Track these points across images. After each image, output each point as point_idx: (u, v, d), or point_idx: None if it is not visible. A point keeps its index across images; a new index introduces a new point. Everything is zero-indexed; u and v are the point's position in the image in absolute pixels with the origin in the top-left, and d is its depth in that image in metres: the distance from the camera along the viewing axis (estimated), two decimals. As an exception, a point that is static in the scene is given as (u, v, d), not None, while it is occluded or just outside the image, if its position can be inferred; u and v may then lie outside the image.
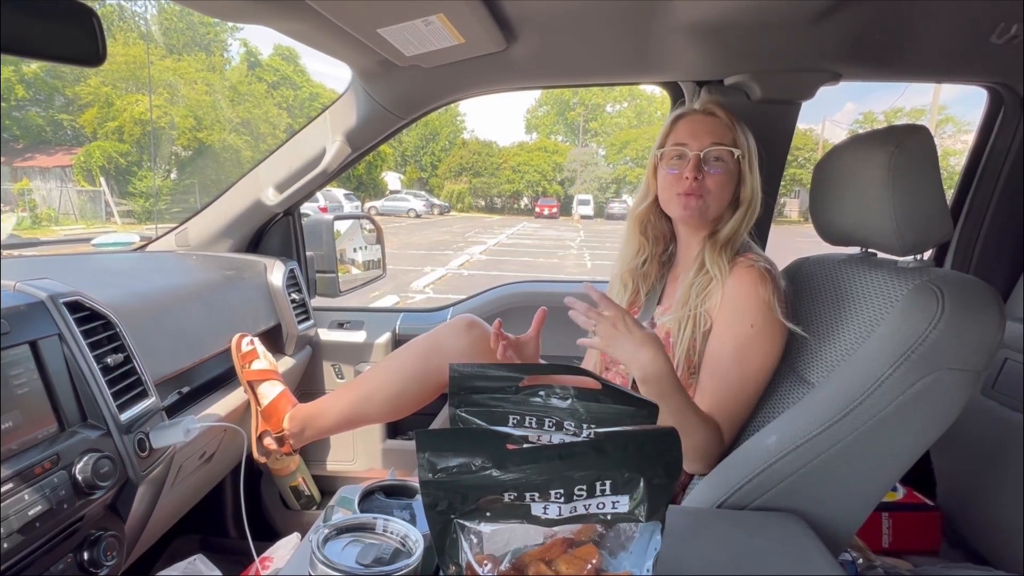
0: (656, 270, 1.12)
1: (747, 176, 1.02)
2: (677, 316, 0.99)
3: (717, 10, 0.96)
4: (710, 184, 0.99)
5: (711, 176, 0.99)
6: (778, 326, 0.93)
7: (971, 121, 20.39)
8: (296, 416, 1.24)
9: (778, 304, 0.93)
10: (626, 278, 1.12)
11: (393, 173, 32.97)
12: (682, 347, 0.97)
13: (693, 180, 0.98)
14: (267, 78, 27.19)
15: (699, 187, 0.99)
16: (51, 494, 0.71)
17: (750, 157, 1.02)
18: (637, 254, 1.11)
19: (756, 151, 1.03)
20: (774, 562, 0.67)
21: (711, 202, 1.00)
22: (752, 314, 0.93)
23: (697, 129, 1.01)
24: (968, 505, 1.27)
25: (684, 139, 1.01)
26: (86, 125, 20.29)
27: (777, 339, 0.94)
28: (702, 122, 1.01)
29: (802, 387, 0.92)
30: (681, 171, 1.00)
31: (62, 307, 0.82)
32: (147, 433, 0.88)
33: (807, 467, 0.79)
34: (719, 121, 1.01)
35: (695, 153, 0.99)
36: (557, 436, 0.57)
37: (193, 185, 20.54)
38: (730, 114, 1.03)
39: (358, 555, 0.50)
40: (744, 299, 0.93)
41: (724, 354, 0.94)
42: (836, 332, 0.92)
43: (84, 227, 16.51)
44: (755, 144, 1.03)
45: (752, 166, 1.02)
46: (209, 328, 1.18)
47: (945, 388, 0.76)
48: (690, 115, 1.04)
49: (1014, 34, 0.99)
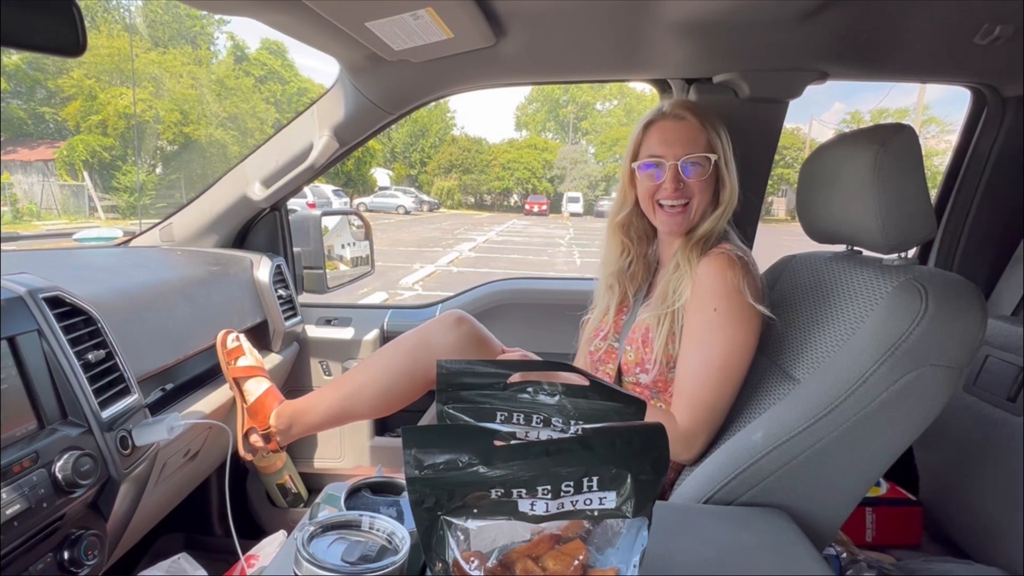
0: (643, 270, 1.12)
1: (725, 177, 1.01)
2: (656, 313, 1.00)
3: (706, 8, 0.96)
4: (693, 188, 0.99)
5: (691, 181, 0.99)
6: (747, 310, 0.92)
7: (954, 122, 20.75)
8: (283, 413, 1.23)
9: (748, 289, 0.92)
10: (611, 280, 1.12)
11: (382, 169, 32.79)
12: (660, 342, 0.98)
13: (675, 191, 0.98)
14: (255, 72, 26.92)
15: (681, 194, 0.99)
16: (30, 493, 0.70)
17: (726, 157, 1.01)
18: (622, 255, 1.11)
19: (730, 146, 1.02)
20: (760, 557, 0.67)
21: (694, 209, 1.01)
22: (716, 298, 0.93)
23: (669, 138, 1.00)
24: (950, 500, 1.29)
25: (658, 151, 1.00)
26: (69, 118, 19.93)
27: (745, 324, 0.92)
28: (673, 129, 1.00)
29: (788, 383, 0.93)
30: (659, 182, 1.00)
31: (41, 302, 0.80)
32: (129, 431, 0.86)
33: (793, 463, 0.80)
34: (690, 126, 1.00)
35: (671, 163, 0.98)
36: (545, 432, 0.57)
37: (179, 180, 20.30)
38: (700, 115, 1.01)
39: (344, 553, 0.49)
40: (709, 284, 0.94)
41: (688, 339, 0.95)
42: (822, 329, 0.93)
43: (67, 222, 16.26)
44: (728, 140, 1.02)
45: (729, 165, 1.02)
46: (194, 324, 1.17)
47: (928, 384, 0.77)
48: (659, 122, 1.02)
49: (997, 35, 1.00)
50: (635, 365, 1.02)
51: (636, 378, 1.03)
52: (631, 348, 1.03)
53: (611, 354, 1.08)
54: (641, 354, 1.01)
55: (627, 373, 1.04)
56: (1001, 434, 1.14)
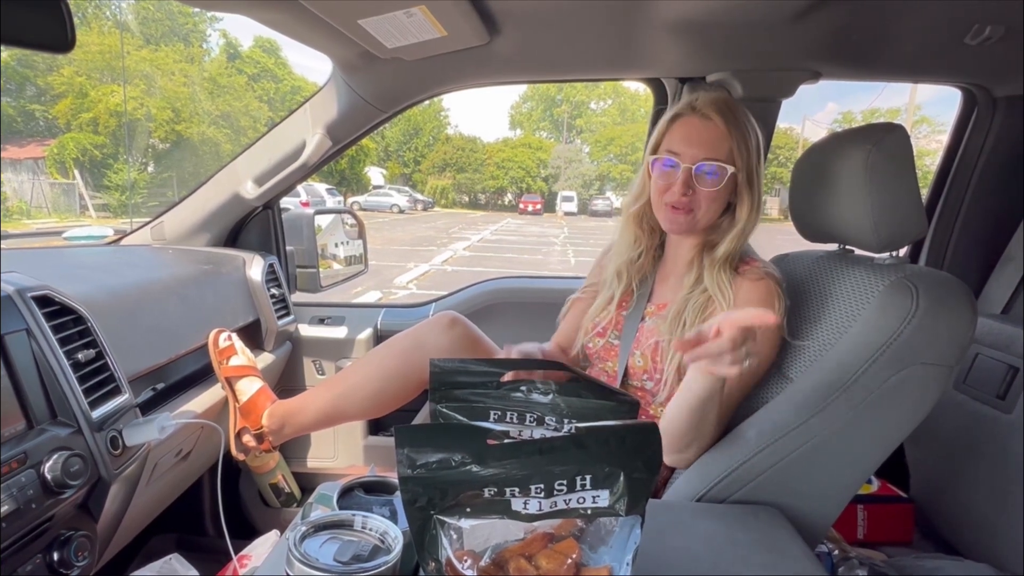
0: (649, 263, 1.10)
1: (744, 192, 0.96)
2: (672, 330, 0.96)
3: (699, 8, 0.96)
4: (701, 199, 0.95)
5: (702, 191, 0.94)
6: (778, 336, 0.93)
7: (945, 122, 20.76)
8: (275, 413, 1.22)
9: (784, 319, 0.92)
10: (622, 270, 1.08)
11: (376, 168, 32.67)
12: (672, 364, 0.95)
13: (682, 196, 0.94)
14: (247, 70, 26.73)
15: (688, 202, 0.95)
16: (18, 494, 0.69)
17: (748, 170, 0.95)
18: (635, 245, 1.08)
19: (759, 160, 0.97)
20: (752, 555, 0.68)
21: (700, 216, 0.96)
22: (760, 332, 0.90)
23: (692, 137, 0.95)
24: (940, 497, 1.30)
25: (678, 147, 0.96)
26: (59, 116, 19.73)
27: (772, 349, 0.94)
28: (698, 129, 0.95)
29: (781, 381, 0.93)
30: (671, 182, 0.96)
31: (30, 301, 0.79)
32: (120, 431, 0.85)
33: (785, 460, 0.80)
34: (715, 128, 0.94)
35: (686, 167, 0.94)
36: (538, 431, 0.57)
37: (171, 179, 20.13)
38: (729, 119, 0.94)
39: (336, 552, 0.49)
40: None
41: None
42: (814, 327, 0.93)
43: (57, 220, 16.09)
44: (759, 153, 0.97)
45: (753, 180, 0.96)
46: (185, 323, 1.16)
47: (919, 382, 0.78)
48: (687, 117, 0.97)
49: (988, 35, 1.01)
50: (643, 372, 1.00)
51: (642, 383, 1.01)
52: (639, 353, 1.00)
53: (610, 351, 1.05)
54: (650, 364, 0.99)
55: (633, 377, 1.01)
56: (991, 432, 1.15)
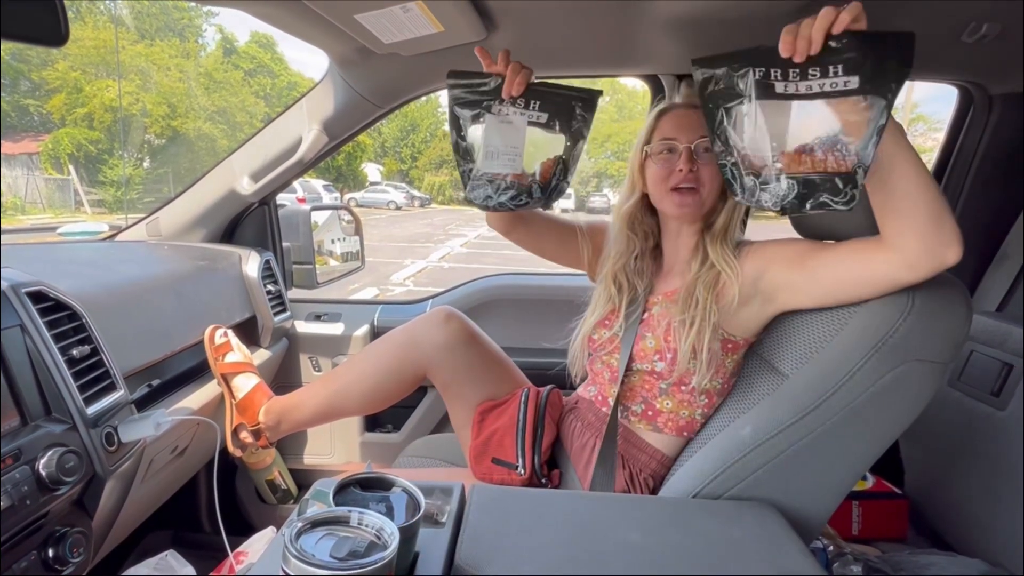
0: (649, 265, 1.10)
1: None
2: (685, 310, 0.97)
3: (696, 5, 0.96)
4: (704, 175, 0.98)
5: (704, 167, 0.98)
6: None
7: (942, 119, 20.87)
8: (272, 409, 1.22)
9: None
10: (620, 277, 1.08)
11: (373, 164, 32.57)
12: (688, 342, 0.94)
13: (688, 172, 0.97)
14: (243, 66, 26.58)
15: (694, 178, 0.97)
16: (13, 490, 0.69)
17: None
18: (628, 249, 1.08)
19: None
20: (747, 551, 0.68)
21: (706, 195, 0.99)
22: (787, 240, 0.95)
23: (683, 123, 1.00)
24: (934, 493, 1.30)
25: (672, 134, 1.00)
26: (54, 111, 19.58)
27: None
28: (687, 116, 1.00)
29: (776, 378, 0.93)
30: (673, 165, 0.98)
31: (24, 297, 0.79)
32: (115, 427, 0.85)
33: (780, 457, 0.80)
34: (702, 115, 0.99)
35: (685, 146, 0.97)
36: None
37: (167, 174, 20.04)
38: None
39: (332, 548, 0.49)
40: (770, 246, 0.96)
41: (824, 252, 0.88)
42: (810, 324, 0.93)
43: (52, 216, 16.00)
44: None
45: None
46: (181, 320, 1.16)
47: (914, 379, 0.78)
48: (674, 110, 1.03)
49: (984, 33, 1.01)
50: (654, 352, 0.99)
51: (652, 365, 0.99)
52: (651, 335, 1.00)
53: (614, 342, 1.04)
54: (663, 344, 0.98)
55: (643, 360, 1.00)
56: (985, 428, 1.16)
